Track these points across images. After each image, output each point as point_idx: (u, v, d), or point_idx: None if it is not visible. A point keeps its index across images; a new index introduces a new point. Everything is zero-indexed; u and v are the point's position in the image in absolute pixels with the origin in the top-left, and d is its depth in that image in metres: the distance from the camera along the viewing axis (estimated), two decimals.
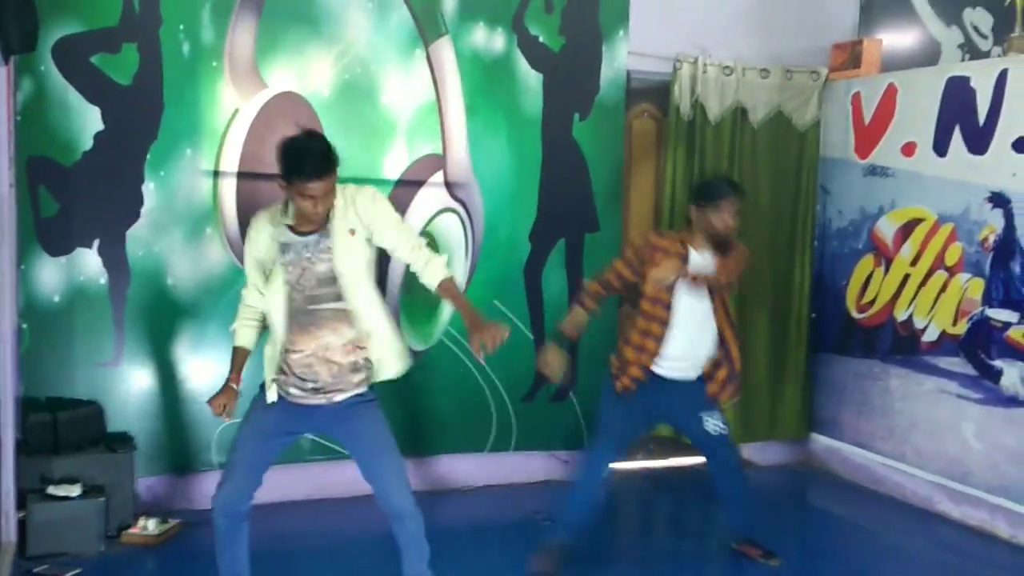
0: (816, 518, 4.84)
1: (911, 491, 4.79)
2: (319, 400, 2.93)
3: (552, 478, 4.93)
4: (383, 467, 2.99)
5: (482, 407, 4.76)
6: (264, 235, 2.92)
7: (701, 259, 3.64)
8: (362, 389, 2.98)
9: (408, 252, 2.93)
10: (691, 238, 3.67)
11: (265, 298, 2.93)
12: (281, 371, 2.95)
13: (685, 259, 3.61)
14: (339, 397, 2.93)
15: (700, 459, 5.36)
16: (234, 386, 3.01)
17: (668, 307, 3.59)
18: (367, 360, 2.95)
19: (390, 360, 2.98)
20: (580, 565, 3.77)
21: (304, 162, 2.71)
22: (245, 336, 3.05)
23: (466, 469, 4.82)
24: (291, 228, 2.89)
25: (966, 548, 4.24)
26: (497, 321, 2.84)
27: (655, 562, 4.04)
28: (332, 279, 2.86)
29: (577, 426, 4.90)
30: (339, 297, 2.88)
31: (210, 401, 3.01)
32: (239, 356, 3.05)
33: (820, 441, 5.40)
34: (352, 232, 2.86)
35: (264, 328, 3.04)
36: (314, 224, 2.86)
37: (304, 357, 2.89)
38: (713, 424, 3.69)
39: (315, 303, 2.88)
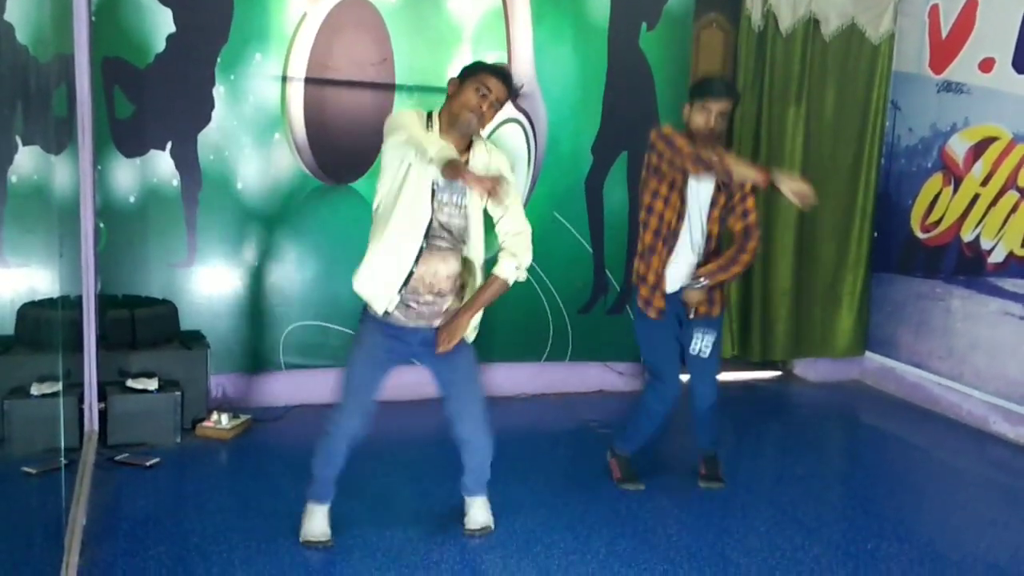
0: (869, 435, 4.86)
1: (966, 411, 4.79)
2: (420, 323, 2.96)
3: (606, 388, 5.03)
4: (466, 400, 3.10)
5: (540, 318, 4.83)
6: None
7: None
8: None
9: (502, 232, 3.01)
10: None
11: (402, 209, 2.87)
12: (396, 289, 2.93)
13: None
14: (437, 322, 2.98)
15: (767, 374, 5.51)
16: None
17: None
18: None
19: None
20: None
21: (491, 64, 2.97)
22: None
23: (522, 377, 4.92)
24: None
25: (1020, 467, 4.26)
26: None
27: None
28: (465, 224, 2.94)
29: (632, 339, 4.94)
30: (463, 239, 2.95)
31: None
32: None
33: (875, 360, 5.41)
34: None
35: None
36: (464, 140, 2.88)
37: (424, 275, 2.90)
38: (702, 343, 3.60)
39: (448, 231, 2.91)
